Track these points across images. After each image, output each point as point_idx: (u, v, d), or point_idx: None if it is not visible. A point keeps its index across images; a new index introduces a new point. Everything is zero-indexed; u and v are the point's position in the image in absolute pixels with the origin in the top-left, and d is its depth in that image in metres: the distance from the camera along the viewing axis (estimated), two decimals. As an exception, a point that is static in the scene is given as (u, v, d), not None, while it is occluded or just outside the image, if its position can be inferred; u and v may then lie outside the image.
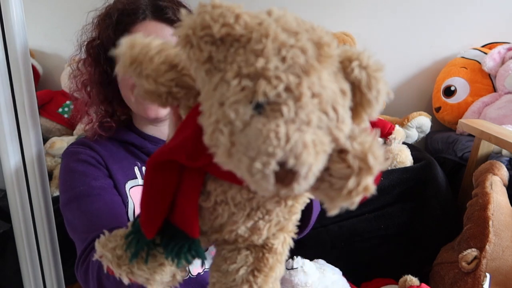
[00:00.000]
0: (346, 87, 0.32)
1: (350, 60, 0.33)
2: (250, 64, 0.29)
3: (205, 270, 0.82)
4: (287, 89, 0.29)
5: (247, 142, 0.28)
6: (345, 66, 0.33)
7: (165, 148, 0.37)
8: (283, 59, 0.29)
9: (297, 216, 0.41)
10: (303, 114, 0.29)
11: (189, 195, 0.37)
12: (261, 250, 0.41)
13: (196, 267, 0.80)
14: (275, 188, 0.29)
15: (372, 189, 0.30)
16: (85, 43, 0.81)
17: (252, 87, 0.29)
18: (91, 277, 0.63)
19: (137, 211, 0.76)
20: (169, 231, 0.39)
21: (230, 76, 0.30)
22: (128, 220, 0.74)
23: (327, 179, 0.30)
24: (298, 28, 0.31)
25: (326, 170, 0.30)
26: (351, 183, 0.30)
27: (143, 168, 0.80)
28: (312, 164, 0.28)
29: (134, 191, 0.79)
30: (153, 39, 0.37)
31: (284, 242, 0.42)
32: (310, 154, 0.28)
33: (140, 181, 0.80)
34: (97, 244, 0.44)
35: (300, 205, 0.40)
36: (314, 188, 0.31)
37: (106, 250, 0.42)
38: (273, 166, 0.27)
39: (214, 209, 0.38)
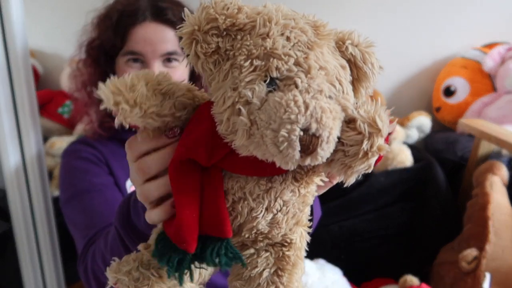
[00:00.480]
0: (344, 62, 0.36)
1: (343, 40, 0.37)
2: (259, 46, 0.32)
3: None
4: (297, 63, 0.32)
5: (268, 116, 0.30)
6: (339, 46, 0.37)
7: (181, 148, 0.37)
8: (288, 39, 0.33)
9: (309, 208, 0.42)
10: (315, 84, 0.31)
11: (215, 193, 0.37)
12: (281, 249, 0.41)
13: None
14: (301, 159, 0.31)
15: (385, 147, 0.33)
16: (85, 43, 0.81)
17: (264, 66, 0.32)
18: (91, 275, 0.63)
19: None
20: (199, 240, 0.37)
21: (241, 60, 0.32)
22: None
23: (340, 148, 0.33)
24: (294, 15, 0.36)
25: (338, 141, 0.32)
26: (365, 145, 0.32)
27: None
28: (332, 127, 0.30)
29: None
30: (126, 75, 0.36)
31: (301, 236, 0.42)
32: (329, 118, 0.30)
33: None
34: (109, 272, 0.41)
35: (311, 196, 0.40)
36: (329, 162, 0.33)
37: (121, 274, 0.40)
38: (298, 131, 0.29)
39: (233, 209, 0.38)
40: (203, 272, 0.43)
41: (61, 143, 1.48)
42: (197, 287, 0.43)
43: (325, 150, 0.31)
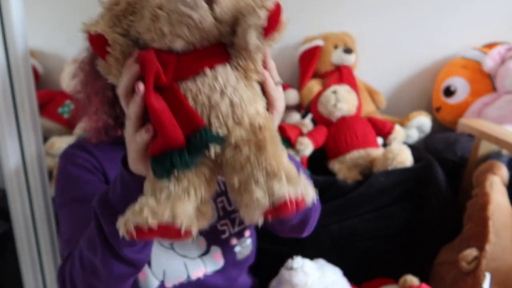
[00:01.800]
0: None
1: None
2: None
3: (206, 274, 0.81)
4: None
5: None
6: None
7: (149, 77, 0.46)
8: None
9: (259, 90, 0.51)
10: None
11: (179, 100, 0.46)
12: (255, 136, 0.48)
13: (196, 271, 0.80)
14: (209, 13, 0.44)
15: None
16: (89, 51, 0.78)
17: None
18: (68, 282, 0.66)
19: None
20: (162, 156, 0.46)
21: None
22: None
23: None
24: None
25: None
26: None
27: None
28: None
29: None
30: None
31: (267, 119, 0.50)
32: None
33: None
34: (119, 224, 0.46)
35: (254, 82, 0.51)
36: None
37: (126, 218, 0.45)
38: None
39: (196, 103, 0.46)
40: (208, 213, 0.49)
41: (61, 143, 1.48)
42: (201, 205, 0.48)
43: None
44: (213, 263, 0.81)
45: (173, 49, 0.47)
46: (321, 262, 0.99)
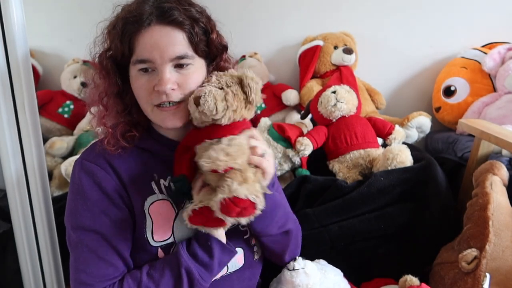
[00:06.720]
0: None
1: None
2: None
3: (223, 275, 0.82)
4: None
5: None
6: None
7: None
8: None
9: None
10: None
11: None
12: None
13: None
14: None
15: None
16: (97, 55, 0.77)
17: None
18: None
19: (156, 229, 0.76)
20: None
21: None
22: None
23: None
24: None
25: None
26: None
27: (161, 181, 0.79)
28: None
29: (154, 208, 0.77)
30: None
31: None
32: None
33: (159, 195, 0.78)
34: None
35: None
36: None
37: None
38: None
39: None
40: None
41: (61, 143, 1.48)
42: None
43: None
44: (234, 264, 0.82)
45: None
46: (322, 263, 0.99)
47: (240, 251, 0.83)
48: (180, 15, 0.71)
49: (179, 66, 0.73)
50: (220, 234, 0.77)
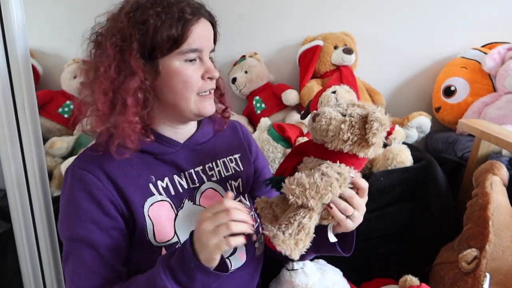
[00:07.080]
0: None
1: None
2: None
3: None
4: None
5: None
6: None
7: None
8: None
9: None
10: None
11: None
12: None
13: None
14: None
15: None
16: (118, 49, 0.72)
17: None
18: None
19: (157, 230, 0.75)
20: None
21: None
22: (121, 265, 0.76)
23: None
24: None
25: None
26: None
27: (158, 183, 0.78)
28: None
29: (154, 209, 0.76)
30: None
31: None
32: None
33: (158, 197, 0.77)
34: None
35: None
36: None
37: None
38: None
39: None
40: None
41: (61, 143, 1.48)
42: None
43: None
44: (237, 260, 0.82)
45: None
46: (321, 262, 0.99)
47: (242, 247, 0.82)
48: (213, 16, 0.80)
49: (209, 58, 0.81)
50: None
